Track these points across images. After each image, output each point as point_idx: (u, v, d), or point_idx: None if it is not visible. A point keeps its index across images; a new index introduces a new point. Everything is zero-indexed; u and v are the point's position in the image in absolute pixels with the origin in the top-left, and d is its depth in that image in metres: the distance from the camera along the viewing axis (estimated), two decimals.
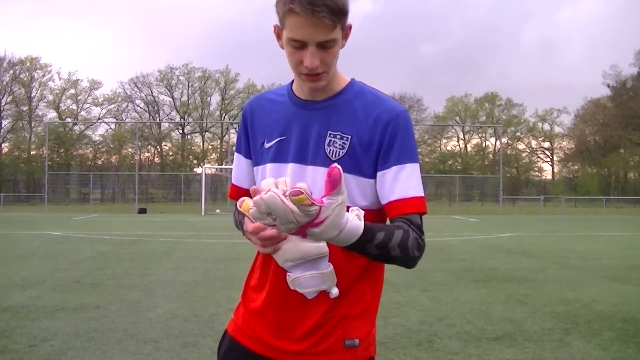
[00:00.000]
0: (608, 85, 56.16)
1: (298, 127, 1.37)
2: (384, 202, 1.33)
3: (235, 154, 1.51)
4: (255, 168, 1.45)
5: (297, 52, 1.26)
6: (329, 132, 1.35)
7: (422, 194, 1.34)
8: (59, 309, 5.30)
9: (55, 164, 47.50)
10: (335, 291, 1.21)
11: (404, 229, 1.27)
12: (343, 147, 1.33)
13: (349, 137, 1.34)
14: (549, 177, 59.88)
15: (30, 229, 16.36)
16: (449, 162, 55.30)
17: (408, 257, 1.27)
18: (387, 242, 1.23)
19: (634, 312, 5.38)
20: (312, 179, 1.33)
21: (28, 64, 50.81)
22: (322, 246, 1.16)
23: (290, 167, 1.36)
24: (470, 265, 8.69)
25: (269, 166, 1.40)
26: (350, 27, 1.32)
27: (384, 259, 1.27)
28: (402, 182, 1.31)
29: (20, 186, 49.41)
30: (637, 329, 4.76)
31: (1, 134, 50.66)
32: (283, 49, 1.31)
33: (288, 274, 1.21)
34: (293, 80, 1.43)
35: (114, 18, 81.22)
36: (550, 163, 59.61)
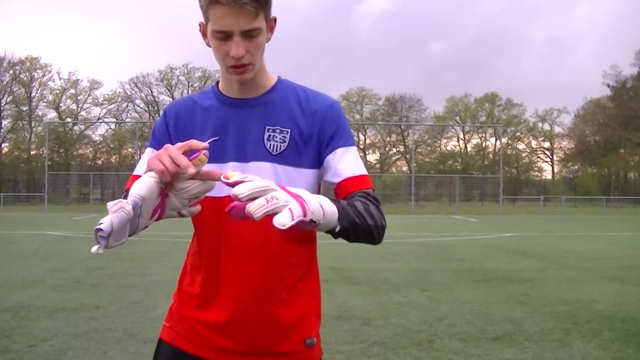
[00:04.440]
0: (608, 85, 56.13)
1: (233, 125, 1.37)
2: (336, 180, 1.34)
3: (149, 148, 1.41)
4: None
5: (222, 44, 1.26)
6: (267, 127, 1.36)
7: (367, 173, 1.38)
8: (59, 309, 5.30)
9: (55, 164, 47.47)
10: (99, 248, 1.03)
11: (362, 200, 1.27)
12: (284, 141, 1.35)
13: (289, 130, 1.36)
14: (549, 177, 59.85)
15: (30, 229, 16.36)
16: (449, 162, 55.26)
17: (377, 225, 1.25)
18: (357, 212, 1.20)
19: (634, 312, 5.38)
20: (254, 175, 1.29)
21: (28, 64, 50.73)
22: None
23: (230, 165, 1.34)
24: (470, 265, 8.69)
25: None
26: (275, 20, 1.33)
27: (361, 232, 1.22)
28: (350, 162, 1.36)
29: (20, 186, 49.34)
30: (637, 329, 4.76)
31: (1, 134, 50.62)
32: (209, 46, 1.32)
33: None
34: (217, 83, 1.43)
35: (113, 18, 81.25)
36: (550, 163, 59.62)
